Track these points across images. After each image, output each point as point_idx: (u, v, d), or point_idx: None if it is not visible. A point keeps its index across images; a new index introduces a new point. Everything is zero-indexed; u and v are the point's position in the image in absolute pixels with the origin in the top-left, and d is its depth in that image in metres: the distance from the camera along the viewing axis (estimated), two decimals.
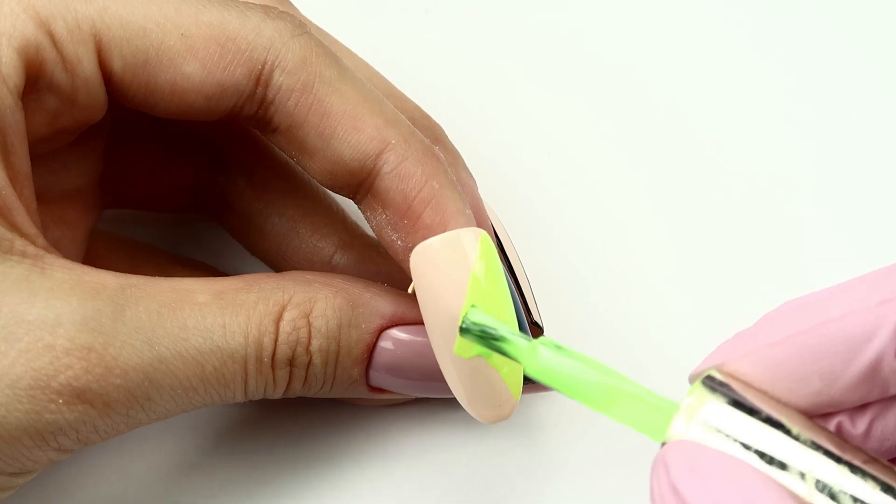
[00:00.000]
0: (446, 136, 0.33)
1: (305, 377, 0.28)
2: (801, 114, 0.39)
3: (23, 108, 0.27)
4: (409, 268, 0.28)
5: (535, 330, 0.32)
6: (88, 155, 0.31)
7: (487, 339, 0.26)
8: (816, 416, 0.23)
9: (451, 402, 0.33)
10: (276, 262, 0.33)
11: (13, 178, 0.27)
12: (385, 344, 0.29)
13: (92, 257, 0.32)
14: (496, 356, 0.27)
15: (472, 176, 0.32)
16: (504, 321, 0.27)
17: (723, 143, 0.38)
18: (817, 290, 0.24)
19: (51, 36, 0.27)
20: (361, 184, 0.29)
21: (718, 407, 0.23)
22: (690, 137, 0.38)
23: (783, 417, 0.23)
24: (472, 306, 0.27)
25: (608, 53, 0.39)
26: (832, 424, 0.24)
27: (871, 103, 0.39)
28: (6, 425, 0.25)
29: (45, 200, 0.30)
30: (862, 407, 0.24)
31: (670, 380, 0.34)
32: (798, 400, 0.23)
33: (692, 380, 0.24)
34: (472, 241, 0.27)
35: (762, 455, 0.22)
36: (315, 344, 0.28)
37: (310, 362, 0.28)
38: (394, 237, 0.29)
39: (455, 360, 0.27)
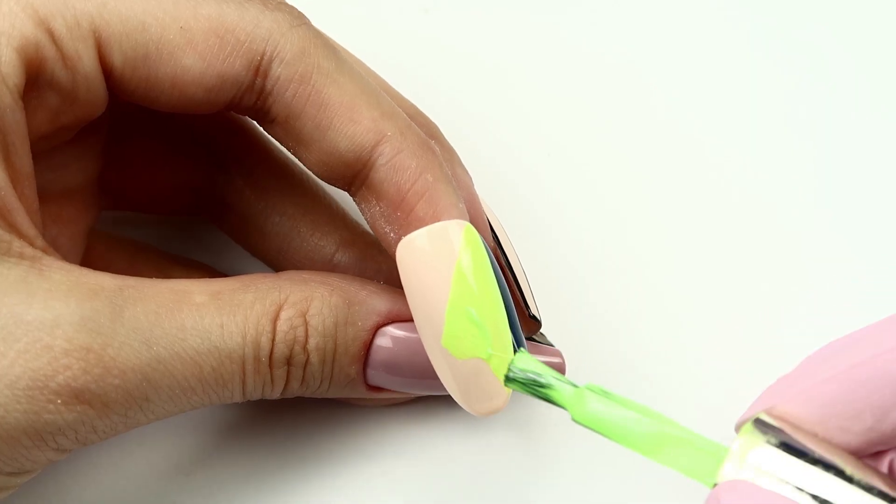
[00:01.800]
0: (442, 135, 0.33)
1: (303, 376, 0.28)
2: (801, 114, 0.38)
3: (23, 106, 0.27)
4: None
5: (534, 324, 0.32)
6: (87, 152, 0.31)
7: (533, 386, 0.26)
8: (868, 455, 0.23)
9: (450, 402, 0.33)
10: (277, 262, 0.33)
11: (14, 178, 0.27)
12: (382, 341, 0.29)
13: (92, 258, 0.32)
14: (484, 350, 0.27)
15: (468, 173, 0.32)
16: (492, 313, 0.27)
17: (722, 144, 0.38)
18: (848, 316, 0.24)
19: (50, 34, 0.27)
20: (357, 175, 0.29)
21: (768, 450, 0.23)
22: (690, 138, 0.38)
23: (836, 458, 0.22)
24: (521, 350, 0.27)
25: (608, 54, 0.39)
26: (885, 463, 0.23)
27: (871, 103, 0.39)
28: (5, 426, 0.25)
29: (44, 198, 0.30)
30: None
31: (669, 380, 0.34)
32: (850, 438, 0.23)
33: (738, 426, 0.24)
34: (457, 232, 0.27)
35: (815, 498, 0.22)
36: (312, 342, 0.28)
37: (307, 361, 0.28)
38: (387, 229, 0.29)
39: (445, 353, 0.27)
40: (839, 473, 0.22)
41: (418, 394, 0.31)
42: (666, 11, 0.40)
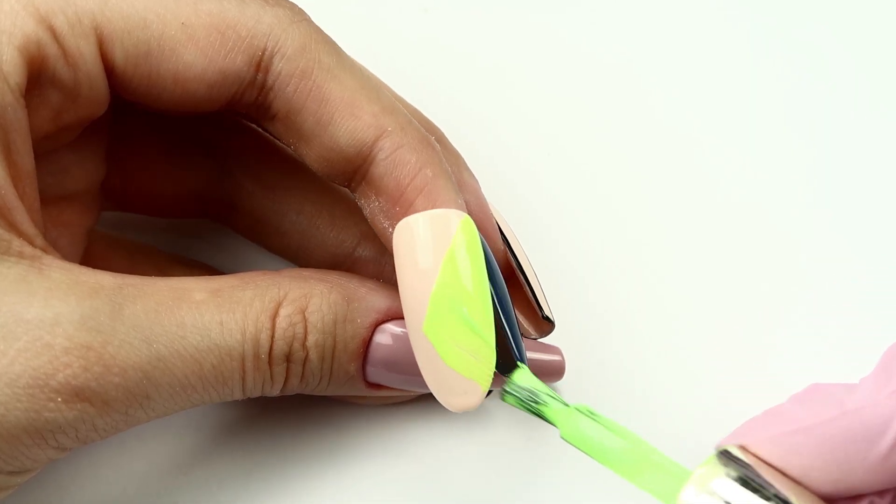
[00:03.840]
0: (447, 139, 0.33)
1: (303, 373, 0.28)
2: (801, 114, 0.39)
3: (25, 105, 0.27)
4: None
5: (547, 325, 0.32)
6: (89, 157, 0.31)
7: (529, 403, 0.27)
8: (841, 499, 0.24)
9: None
10: (298, 259, 0.33)
11: (15, 177, 0.27)
12: (380, 338, 0.29)
13: (92, 257, 0.32)
14: (452, 344, 0.27)
15: (474, 176, 0.32)
16: (479, 308, 0.27)
17: (722, 143, 0.38)
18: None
19: (52, 31, 0.27)
20: (357, 171, 0.29)
21: (729, 481, 0.24)
22: (689, 137, 0.38)
23: (793, 497, 0.23)
24: (520, 366, 0.27)
25: (607, 53, 0.39)
26: None
27: (871, 103, 0.39)
28: (5, 424, 0.25)
29: (44, 201, 0.30)
30: None
31: (668, 379, 0.34)
32: (817, 485, 0.24)
33: (717, 449, 0.25)
34: (455, 221, 0.27)
35: None
36: (311, 339, 0.28)
37: (306, 357, 0.28)
38: (385, 224, 0.29)
39: (423, 341, 0.27)
40: None
41: (418, 391, 0.31)
42: (665, 11, 0.40)
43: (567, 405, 0.27)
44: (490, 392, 0.28)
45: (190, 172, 0.33)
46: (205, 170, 0.33)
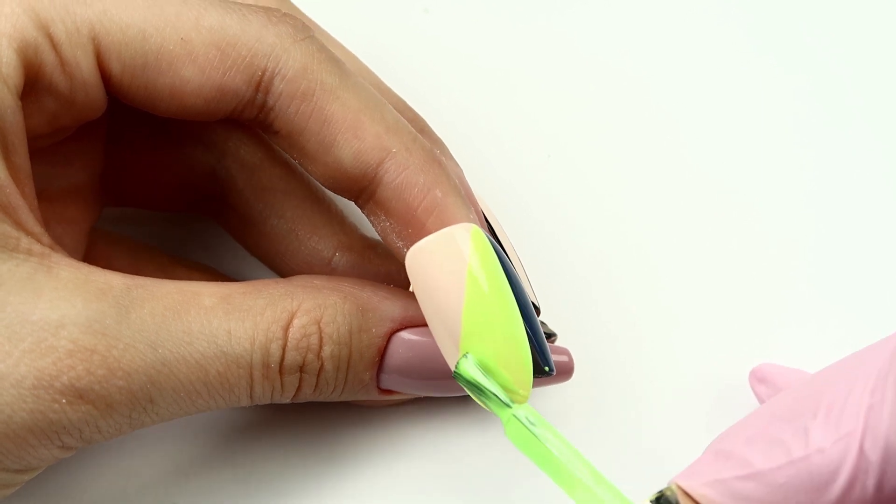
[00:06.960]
0: (430, 128, 0.33)
1: (316, 383, 0.28)
2: (803, 117, 0.39)
3: (22, 108, 0.27)
4: None
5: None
6: (89, 149, 0.31)
7: (475, 390, 0.27)
8: None
9: (452, 401, 0.33)
10: (275, 264, 0.33)
11: (15, 178, 0.27)
12: (396, 347, 0.29)
13: (94, 256, 0.32)
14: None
15: (457, 164, 0.32)
16: (505, 313, 0.27)
17: (723, 146, 0.38)
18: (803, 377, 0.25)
19: (50, 39, 0.27)
20: (364, 190, 0.29)
21: None
22: (690, 139, 0.38)
23: None
24: (465, 356, 0.27)
25: (608, 55, 0.39)
26: None
27: (870, 104, 0.39)
28: (11, 424, 0.25)
29: (46, 197, 0.30)
30: None
31: (667, 380, 0.34)
32: None
33: (653, 496, 0.26)
34: (465, 237, 0.27)
35: None
36: (327, 350, 0.28)
37: (321, 368, 0.28)
38: (399, 244, 0.29)
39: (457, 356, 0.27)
40: None
41: (429, 395, 0.32)
42: (666, 14, 0.40)
43: (509, 406, 0.27)
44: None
45: (187, 164, 0.33)
46: (201, 163, 0.33)
